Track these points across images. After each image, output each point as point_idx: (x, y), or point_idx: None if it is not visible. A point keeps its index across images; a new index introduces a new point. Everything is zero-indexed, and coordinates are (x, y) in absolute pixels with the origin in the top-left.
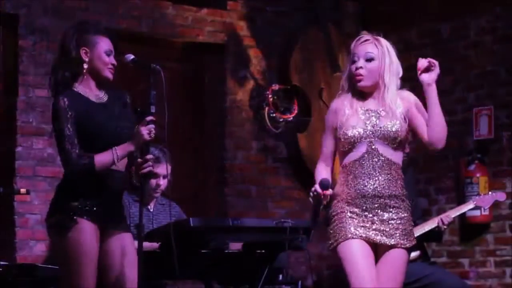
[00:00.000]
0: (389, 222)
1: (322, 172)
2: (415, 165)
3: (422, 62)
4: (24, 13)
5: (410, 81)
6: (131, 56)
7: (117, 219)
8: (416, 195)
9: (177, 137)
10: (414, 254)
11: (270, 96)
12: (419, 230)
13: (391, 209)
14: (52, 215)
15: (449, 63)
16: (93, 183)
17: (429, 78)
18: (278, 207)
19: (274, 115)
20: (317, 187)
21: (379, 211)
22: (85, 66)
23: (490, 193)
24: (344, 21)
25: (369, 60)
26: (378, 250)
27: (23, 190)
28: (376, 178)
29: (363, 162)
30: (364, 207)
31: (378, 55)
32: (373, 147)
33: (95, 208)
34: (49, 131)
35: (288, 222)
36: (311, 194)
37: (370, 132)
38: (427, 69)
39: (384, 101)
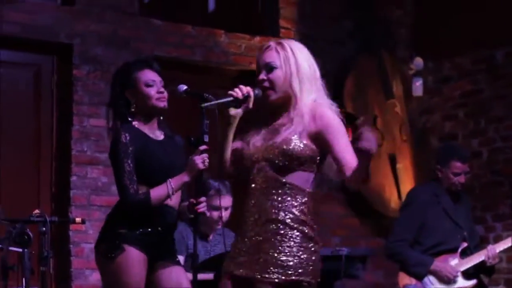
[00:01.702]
0: (264, 251)
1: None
2: (471, 192)
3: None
4: (78, 43)
5: (464, 107)
6: (184, 87)
7: (167, 253)
8: (472, 222)
9: None
10: (471, 282)
11: None
12: (467, 264)
13: (273, 238)
14: (101, 242)
15: (503, 89)
16: (144, 215)
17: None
18: (334, 235)
19: None
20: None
21: (257, 237)
22: (133, 107)
23: None
24: (397, 48)
25: (270, 70)
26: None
27: (78, 219)
28: (258, 202)
29: (250, 184)
30: (242, 236)
31: (280, 62)
32: (259, 165)
33: (144, 237)
34: (104, 160)
35: (344, 250)
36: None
37: (261, 151)
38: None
39: (293, 113)
